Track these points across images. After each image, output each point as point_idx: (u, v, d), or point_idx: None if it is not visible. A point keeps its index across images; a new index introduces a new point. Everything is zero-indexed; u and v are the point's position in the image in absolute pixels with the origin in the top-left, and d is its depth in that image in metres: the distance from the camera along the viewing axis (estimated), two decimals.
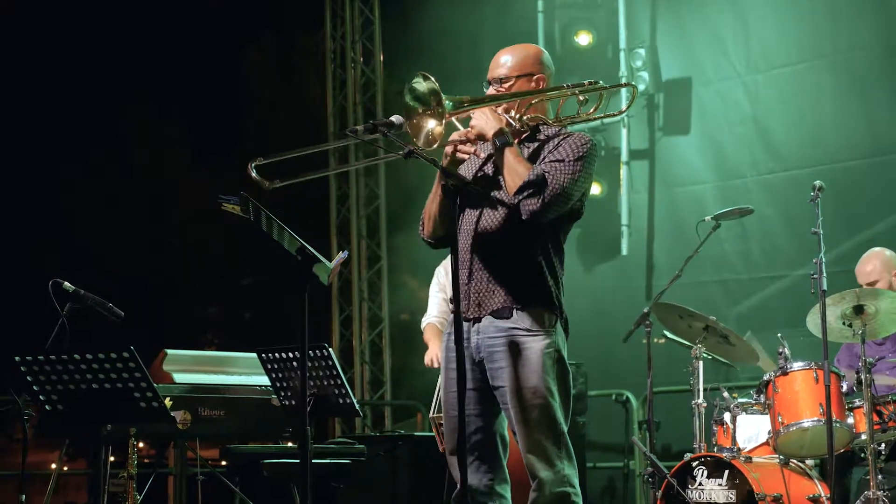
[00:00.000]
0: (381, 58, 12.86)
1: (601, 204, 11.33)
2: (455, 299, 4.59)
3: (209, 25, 12.46)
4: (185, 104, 12.26)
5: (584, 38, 11.38)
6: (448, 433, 5.12)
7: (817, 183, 6.89)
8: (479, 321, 5.04)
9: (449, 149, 4.95)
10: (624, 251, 11.14)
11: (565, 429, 5.02)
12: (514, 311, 4.98)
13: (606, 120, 11.16)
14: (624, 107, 5.46)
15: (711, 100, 10.85)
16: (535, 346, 4.95)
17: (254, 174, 4.87)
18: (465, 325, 5.06)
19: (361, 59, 12.94)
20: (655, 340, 8.22)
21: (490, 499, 5.07)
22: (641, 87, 11.01)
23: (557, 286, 5.06)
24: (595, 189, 11.32)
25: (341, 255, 5.42)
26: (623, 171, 11.16)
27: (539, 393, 4.92)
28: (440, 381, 6.89)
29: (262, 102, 12.84)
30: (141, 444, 8.76)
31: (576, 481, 5.01)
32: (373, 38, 12.89)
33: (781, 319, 7.87)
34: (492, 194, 5.06)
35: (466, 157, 5.00)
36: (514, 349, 4.95)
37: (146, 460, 8.64)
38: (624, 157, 11.16)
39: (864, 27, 9.89)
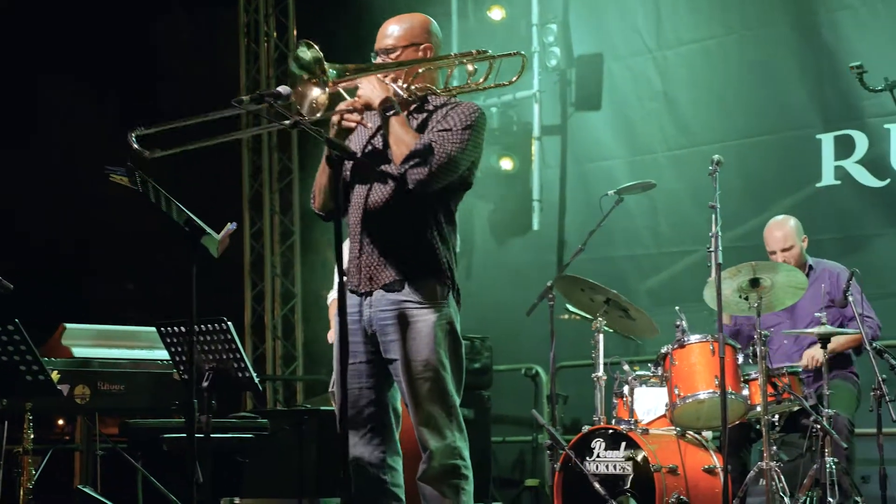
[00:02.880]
0: (295, 32, 12.79)
1: (513, 179, 11.35)
2: (339, 272, 4.56)
3: None
4: (98, 78, 12.11)
5: (497, 13, 11.35)
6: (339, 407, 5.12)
7: (715, 157, 6.93)
8: (371, 294, 5.03)
9: (335, 118, 4.93)
10: (535, 226, 11.15)
11: (457, 401, 5.04)
12: (406, 284, 4.98)
13: (518, 95, 11.22)
14: (515, 77, 5.34)
15: (622, 75, 10.86)
16: (426, 318, 4.96)
17: (134, 144, 4.84)
18: (358, 298, 5.06)
19: (276, 34, 12.86)
20: (562, 317, 8.27)
21: (382, 471, 5.08)
22: (553, 63, 11.01)
23: (450, 258, 5.06)
24: (507, 164, 11.34)
25: (230, 227, 5.40)
26: (535, 146, 11.16)
27: (431, 365, 4.94)
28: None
29: (177, 76, 12.71)
30: (61, 421, 8.69)
31: (466, 454, 5.04)
32: (286, 12, 12.81)
33: (691, 294, 7.90)
34: (381, 167, 5.05)
35: (353, 125, 4.97)
36: (406, 322, 4.95)
37: (66, 437, 8.54)
38: (536, 132, 11.15)
39: (772, 3, 9.94)
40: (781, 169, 9.78)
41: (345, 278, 5.09)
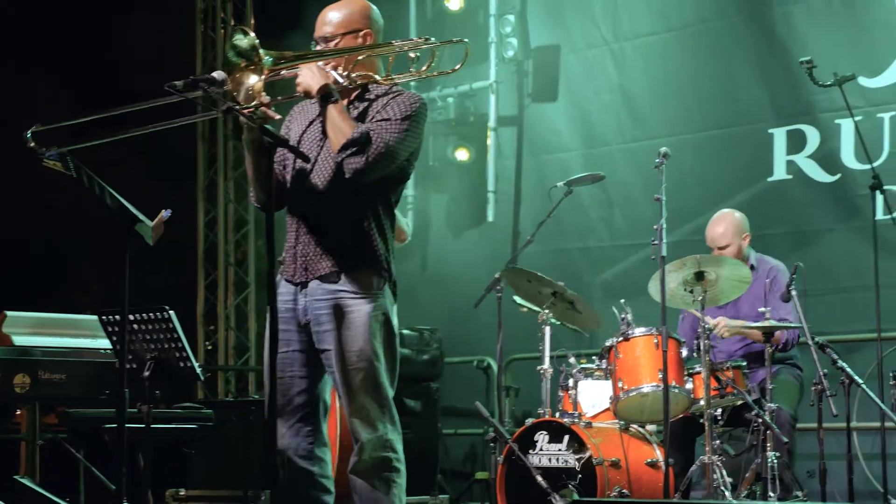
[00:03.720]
0: (252, 19, 12.71)
1: (468, 169, 11.31)
2: (269, 262, 4.51)
3: None
4: (61, 67, 12.04)
5: (454, 3, 11.29)
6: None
7: (662, 149, 6.94)
8: (306, 285, 4.99)
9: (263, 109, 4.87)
10: (490, 217, 11.13)
11: (391, 393, 5.00)
12: (342, 275, 4.93)
13: (475, 85, 11.20)
14: (458, 65, 5.30)
15: (579, 67, 10.82)
16: (361, 309, 4.91)
17: (31, 143, 4.80)
18: (293, 287, 5.02)
19: (232, 21, 12.76)
20: (522, 310, 8.24)
21: (310, 462, 5.04)
22: (510, 54, 10.97)
23: (386, 249, 5.02)
24: (463, 155, 11.31)
25: (163, 214, 5.35)
26: (491, 137, 11.13)
27: (365, 356, 4.89)
28: None
29: (138, 64, 12.63)
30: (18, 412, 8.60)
31: (399, 447, 5.00)
32: None
33: (644, 287, 7.86)
34: (319, 155, 5.01)
35: (277, 116, 4.93)
36: (340, 312, 4.90)
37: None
38: (492, 122, 11.11)
39: None
40: (734, 163, 9.78)
41: (281, 267, 5.08)
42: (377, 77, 5.10)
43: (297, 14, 11.28)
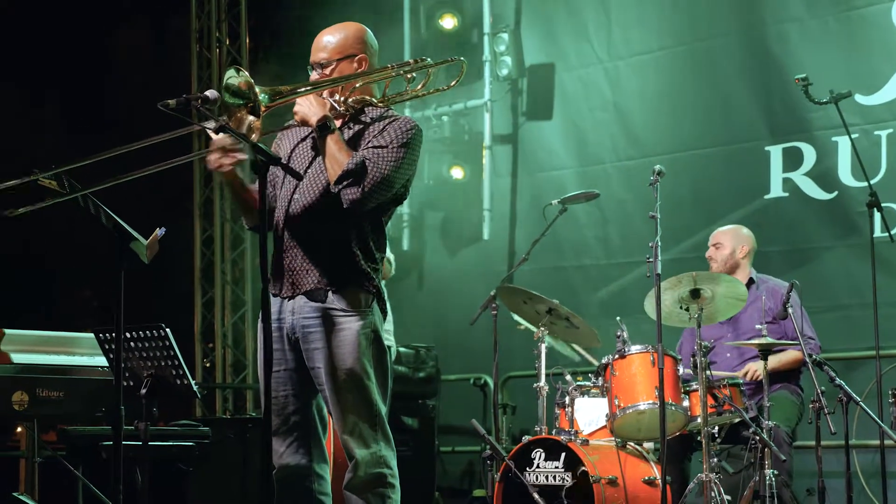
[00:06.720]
0: (248, 38, 12.72)
1: (464, 188, 11.34)
2: (263, 279, 4.52)
3: (80, 3, 12.25)
4: (52, 86, 12.07)
5: (448, 22, 11.35)
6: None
7: (656, 167, 6.92)
8: (294, 300, 4.99)
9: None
10: (486, 236, 11.14)
11: (382, 410, 4.99)
12: (329, 292, 4.93)
13: (470, 104, 11.23)
14: (454, 82, 5.31)
15: (574, 85, 10.85)
16: (350, 326, 4.91)
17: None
18: (281, 303, 5.02)
19: (227, 40, 12.78)
20: (519, 327, 8.25)
21: (308, 480, 5.04)
22: (504, 72, 11.01)
23: (374, 268, 5.01)
24: (458, 173, 11.34)
25: (158, 232, 5.36)
26: (486, 155, 11.15)
27: (355, 374, 4.89)
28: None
29: (134, 83, 12.65)
30: (20, 429, 8.60)
31: (393, 462, 4.99)
32: (239, 18, 12.73)
33: (640, 305, 7.86)
34: (308, 174, 5.03)
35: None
36: (330, 329, 4.90)
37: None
38: (487, 141, 11.14)
39: (722, 15, 9.94)
40: (730, 180, 9.79)
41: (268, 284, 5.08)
42: (373, 100, 5.11)
43: (290, 34, 11.37)
